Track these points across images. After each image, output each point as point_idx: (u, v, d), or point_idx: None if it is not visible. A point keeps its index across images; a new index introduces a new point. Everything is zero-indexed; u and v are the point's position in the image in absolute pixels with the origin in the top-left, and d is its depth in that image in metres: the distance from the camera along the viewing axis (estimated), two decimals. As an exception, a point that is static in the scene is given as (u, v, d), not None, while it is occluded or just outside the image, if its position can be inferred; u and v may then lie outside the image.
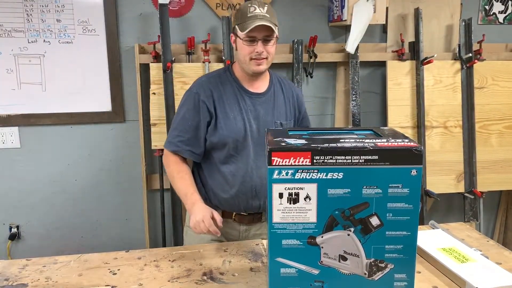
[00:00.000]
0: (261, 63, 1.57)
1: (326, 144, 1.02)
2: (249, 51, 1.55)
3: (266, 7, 1.56)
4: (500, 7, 2.77)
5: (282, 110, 1.69)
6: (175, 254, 1.47)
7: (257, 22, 1.50)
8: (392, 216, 1.02)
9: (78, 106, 2.42)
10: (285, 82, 1.77)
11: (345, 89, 2.67)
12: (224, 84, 1.64)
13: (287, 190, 1.04)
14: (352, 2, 2.35)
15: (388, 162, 0.99)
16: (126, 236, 2.65)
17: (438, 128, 2.65)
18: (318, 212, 1.04)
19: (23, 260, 1.42)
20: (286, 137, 1.10)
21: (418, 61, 2.57)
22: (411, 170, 1.00)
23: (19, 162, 2.45)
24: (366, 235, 0.96)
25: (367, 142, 1.04)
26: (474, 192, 2.65)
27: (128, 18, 2.39)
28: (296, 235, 1.07)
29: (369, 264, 0.94)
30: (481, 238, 1.60)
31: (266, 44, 1.56)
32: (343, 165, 1.01)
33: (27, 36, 2.30)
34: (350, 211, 0.98)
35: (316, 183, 1.03)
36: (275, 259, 1.09)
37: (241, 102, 1.63)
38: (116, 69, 2.42)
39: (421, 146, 1.00)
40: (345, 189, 1.02)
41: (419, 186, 1.01)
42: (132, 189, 2.58)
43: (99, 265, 1.40)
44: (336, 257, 0.95)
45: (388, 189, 1.01)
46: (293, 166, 1.02)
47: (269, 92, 1.68)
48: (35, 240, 2.55)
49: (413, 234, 1.03)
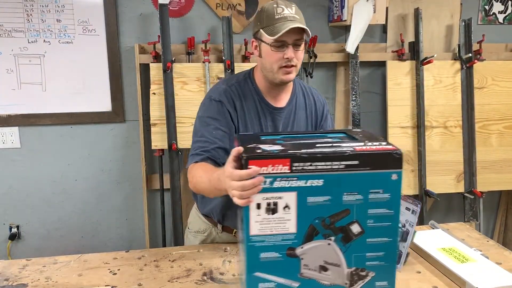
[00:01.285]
0: (291, 71, 1.38)
1: (304, 149, 0.97)
2: (278, 58, 1.35)
3: (293, 7, 1.39)
4: (500, 7, 2.77)
5: (301, 124, 1.53)
6: (175, 254, 1.47)
7: (289, 24, 1.31)
8: (373, 222, 0.99)
9: (78, 106, 2.42)
10: (308, 91, 1.58)
11: (345, 89, 2.67)
12: (246, 96, 1.45)
13: (265, 200, 0.98)
14: (352, 2, 2.35)
15: (368, 167, 0.96)
16: (126, 236, 2.65)
17: (438, 128, 2.65)
18: (298, 222, 0.99)
19: (23, 260, 1.42)
20: (259, 142, 1.04)
21: (418, 61, 2.57)
22: (391, 175, 0.96)
23: (19, 162, 2.45)
24: (347, 243, 0.92)
25: (345, 146, 0.99)
26: (474, 192, 2.65)
27: (128, 18, 2.39)
28: (275, 247, 1.01)
29: (350, 273, 0.90)
30: (481, 238, 1.60)
31: (297, 50, 1.37)
32: (323, 172, 0.96)
33: (27, 36, 2.30)
34: (330, 219, 0.94)
35: (296, 191, 0.97)
36: (253, 274, 1.03)
37: (262, 118, 1.46)
38: (116, 69, 2.42)
39: (400, 150, 0.96)
40: (325, 196, 0.97)
41: (399, 190, 0.98)
42: (132, 189, 2.58)
43: (99, 265, 1.40)
44: (317, 268, 0.91)
45: (368, 195, 0.97)
46: (271, 174, 0.95)
47: (290, 105, 1.51)
48: (35, 240, 2.55)
49: (394, 240, 1.01)
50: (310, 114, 1.56)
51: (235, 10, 2.47)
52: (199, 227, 1.64)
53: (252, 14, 2.48)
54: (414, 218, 1.33)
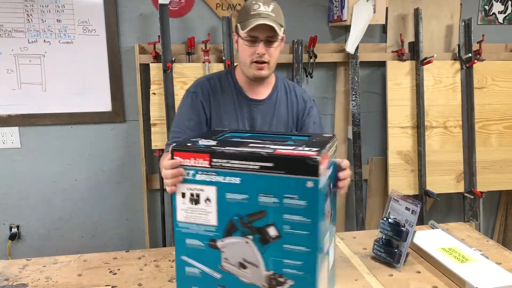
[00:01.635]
0: (262, 68, 1.44)
1: (229, 147, 0.99)
2: (250, 53, 1.43)
3: (272, 6, 1.43)
4: (499, 7, 2.77)
5: (282, 119, 1.55)
6: (175, 254, 1.47)
7: (260, 20, 1.37)
8: (289, 228, 0.95)
9: (78, 106, 2.42)
10: (291, 88, 1.62)
11: (345, 89, 2.68)
12: (224, 88, 1.53)
13: (189, 191, 1.03)
14: (352, 2, 2.35)
15: (283, 170, 0.93)
16: (126, 236, 2.65)
17: (438, 128, 2.65)
18: (219, 216, 1.01)
19: (23, 260, 1.43)
20: (206, 137, 1.09)
21: (418, 61, 2.57)
22: (306, 182, 0.91)
23: (19, 162, 2.45)
24: (265, 245, 0.90)
25: (269, 148, 0.98)
26: (473, 192, 2.65)
27: (128, 18, 2.39)
28: (198, 236, 1.05)
29: (268, 276, 0.88)
30: (481, 238, 1.60)
31: (269, 46, 1.43)
32: (240, 170, 0.97)
33: (27, 36, 2.30)
34: (248, 218, 0.93)
35: (215, 186, 1.00)
36: (180, 257, 1.08)
37: (238, 110, 1.51)
38: (116, 69, 2.42)
39: (318, 157, 0.90)
40: (242, 194, 0.97)
41: (317, 199, 0.92)
42: (132, 189, 2.58)
43: (99, 265, 1.40)
44: (236, 264, 0.91)
45: (283, 199, 0.94)
46: (193, 166, 1.00)
47: (270, 99, 1.55)
48: (35, 240, 2.55)
49: (313, 252, 0.94)
50: (292, 110, 1.58)
51: (235, 10, 2.47)
52: None
53: (252, 14, 2.48)
54: (414, 218, 1.33)
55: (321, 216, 0.95)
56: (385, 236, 1.39)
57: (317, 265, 0.95)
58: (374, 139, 2.77)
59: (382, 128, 2.75)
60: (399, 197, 1.39)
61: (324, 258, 1.01)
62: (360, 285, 1.27)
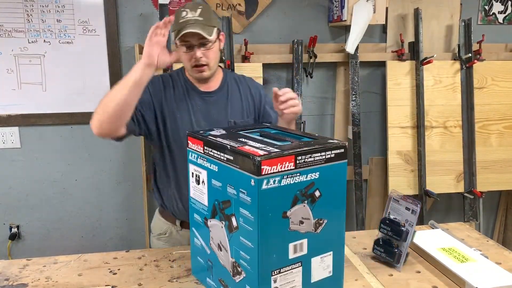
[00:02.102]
0: (203, 70, 1.49)
1: (221, 138, 1.09)
2: (188, 58, 1.48)
3: (199, 10, 1.46)
4: (499, 7, 2.77)
5: (237, 108, 1.60)
6: (175, 254, 1.47)
7: (187, 28, 1.41)
8: (242, 222, 0.99)
9: (78, 106, 2.42)
10: (242, 79, 1.68)
11: (345, 89, 2.68)
12: (175, 83, 1.57)
13: (195, 172, 1.17)
14: (352, 2, 2.35)
15: (238, 165, 0.99)
16: (126, 236, 2.65)
17: (438, 128, 2.65)
18: (208, 198, 1.13)
19: (23, 260, 1.43)
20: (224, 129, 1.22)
21: (418, 61, 2.57)
22: (250, 179, 0.95)
23: (19, 162, 2.45)
24: (231, 233, 0.95)
25: (243, 142, 1.05)
26: (473, 192, 2.65)
27: (128, 18, 2.39)
28: (199, 212, 1.18)
29: (232, 263, 0.94)
30: (480, 238, 1.60)
31: (205, 49, 1.46)
32: (217, 160, 1.06)
33: (27, 36, 2.30)
34: (222, 205, 1.00)
35: (206, 170, 1.12)
36: (192, 228, 1.24)
37: (190, 102, 1.56)
38: (116, 69, 2.42)
39: (260, 158, 0.93)
40: (219, 182, 1.07)
41: (258, 198, 0.94)
42: (132, 189, 2.58)
43: (99, 265, 1.40)
44: (216, 245, 0.99)
45: (239, 193, 0.99)
46: (196, 151, 1.15)
47: (222, 90, 1.60)
48: (35, 240, 2.55)
49: (255, 250, 0.97)
50: (246, 99, 1.63)
51: (235, 10, 2.47)
52: (160, 229, 1.70)
53: (252, 14, 2.48)
54: (414, 218, 1.33)
55: (267, 216, 0.96)
56: (385, 236, 1.39)
57: (261, 264, 0.97)
58: (374, 139, 2.77)
59: (382, 128, 2.75)
60: (399, 197, 1.39)
61: (280, 261, 1.01)
62: (360, 285, 1.28)
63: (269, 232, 0.98)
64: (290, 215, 1.01)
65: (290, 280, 1.06)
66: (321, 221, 1.05)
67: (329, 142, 1.06)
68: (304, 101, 2.61)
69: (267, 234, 0.97)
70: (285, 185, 0.98)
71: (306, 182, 1.01)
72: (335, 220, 1.08)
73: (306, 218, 1.03)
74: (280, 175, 0.97)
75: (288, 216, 1.01)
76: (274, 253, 1.00)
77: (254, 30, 2.51)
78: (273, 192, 0.96)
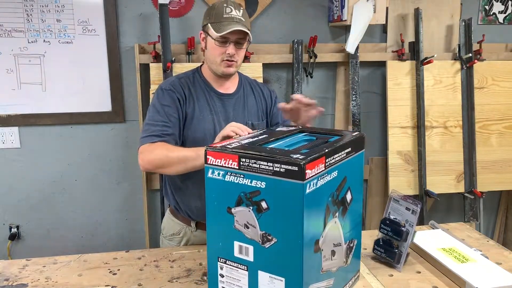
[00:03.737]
0: (231, 65, 1.53)
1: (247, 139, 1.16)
2: (220, 52, 1.50)
3: (241, 10, 1.51)
4: (500, 7, 2.77)
5: (253, 111, 1.65)
6: (175, 254, 1.47)
7: (234, 26, 1.45)
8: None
9: (78, 106, 2.42)
10: (254, 83, 1.73)
11: (345, 89, 2.68)
12: (194, 85, 1.59)
13: None
14: (352, 2, 2.35)
15: None
16: (126, 236, 2.65)
17: (438, 128, 2.65)
18: None
19: (23, 260, 1.42)
20: None
21: (418, 61, 2.57)
22: None
23: (19, 162, 2.45)
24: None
25: None
26: (474, 192, 2.65)
27: (128, 18, 2.39)
28: None
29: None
30: (481, 238, 1.60)
31: (238, 48, 1.51)
32: None
33: (27, 36, 2.30)
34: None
35: None
36: None
37: (211, 103, 1.59)
38: (116, 69, 2.42)
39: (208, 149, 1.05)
40: None
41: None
42: (132, 189, 2.58)
43: (99, 265, 1.40)
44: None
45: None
46: None
47: (239, 93, 1.64)
48: (35, 240, 2.55)
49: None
50: (260, 100, 1.69)
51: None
52: (173, 229, 1.69)
53: (252, 14, 2.48)
54: (414, 218, 1.33)
55: (213, 204, 1.10)
56: (385, 236, 1.39)
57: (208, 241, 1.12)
58: (374, 139, 2.77)
59: (382, 128, 2.75)
60: (399, 197, 1.39)
61: (226, 253, 1.11)
62: (360, 285, 1.28)
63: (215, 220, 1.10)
64: (234, 213, 1.06)
65: (236, 277, 1.10)
66: (269, 236, 1.03)
67: (289, 156, 1.01)
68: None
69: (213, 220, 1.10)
70: (228, 181, 1.04)
71: (251, 187, 1.02)
72: (288, 243, 1.00)
73: (251, 224, 1.05)
74: (224, 171, 1.04)
75: (232, 213, 1.06)
76: (220, 242, 1.10)
77: (254, 30, 2.51)
78: (219, 184, 1.06)
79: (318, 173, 0.99)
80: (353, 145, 1.14)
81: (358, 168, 1.21)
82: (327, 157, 1.02)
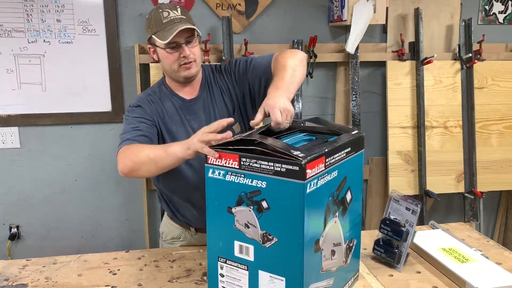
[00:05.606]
0: (191, 66, 1.45)
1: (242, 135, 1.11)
2: (175, 58, 1.43)
3: (179, 9, 1.44)
4: (500, 7, 2.77)
5: (221, 105, 1.55)
6: (175, 254, 1.47)
7: (177, 26, 1.38)
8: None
9: (78, 106, 2.42)
10: (213, 68, 1.60)
11: (345, 89, 2.67)
12: (163, 99, 1.53)
13: None
14: (352, 2, 2.35)
15: None
16: (126, 236, 2.65)
17: (438, 128, 2.65)
18: None
19: (23, 260, 1.43)
20: None
21: (418, 61, 2.57)
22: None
23: (19, 162, 2.45)
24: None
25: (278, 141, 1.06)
26: (474, 192, 2.65)
27: (128, 18, 2.39)
28: None
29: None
30: (481, 238, 1.60)
31: (191, 46, 1.44)
32: None
33: (27, 36, 2.30)
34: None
35: None
36: None
37: (182, 113, 1.52)
38: (116, 69, 2.42)
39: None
40: None
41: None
42: (132, 189, 2.58)
43: (99, 265, 1.40)
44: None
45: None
46: None
47: (204, 92, 1.55)
48: (35, 240, 2.55)
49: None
50: (227, 88, 1.56)
51: (235, 10, 2.47)
52: (173, 234, 1.67)
53: (252, 14, 2.48)
54: (414, 218, 1.33)
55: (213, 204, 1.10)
56: (385, 236, 1.39)
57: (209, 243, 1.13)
58: (374, 139, 2.77)
59: (382, 128, 2.75)
60: (399, 197, 1.39)
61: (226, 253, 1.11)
62: (360, 285, 1.28)
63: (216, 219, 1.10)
64: (235, 213, 1.06)
65: (236, 277, 1.10)
66: (270, 236, 1.03)
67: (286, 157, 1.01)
68: (304, 101, 2.61)
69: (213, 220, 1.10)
70: (229, 181, 1.05)
71: (251, 187, 1.03)
72: (288, 243, 1.00)
73: (252, 224, 1.05)
74: (225, 170, 1.05)
75: (233, 213, 1.06)
76: (220, 241, 1.11)
77: (254, 30, 2.51)
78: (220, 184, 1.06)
79: (318, 172, 0.99)
80: (353, 144, 1.15)
81: (358, 168, 1.22)
82: (327, 156, 1.02)
